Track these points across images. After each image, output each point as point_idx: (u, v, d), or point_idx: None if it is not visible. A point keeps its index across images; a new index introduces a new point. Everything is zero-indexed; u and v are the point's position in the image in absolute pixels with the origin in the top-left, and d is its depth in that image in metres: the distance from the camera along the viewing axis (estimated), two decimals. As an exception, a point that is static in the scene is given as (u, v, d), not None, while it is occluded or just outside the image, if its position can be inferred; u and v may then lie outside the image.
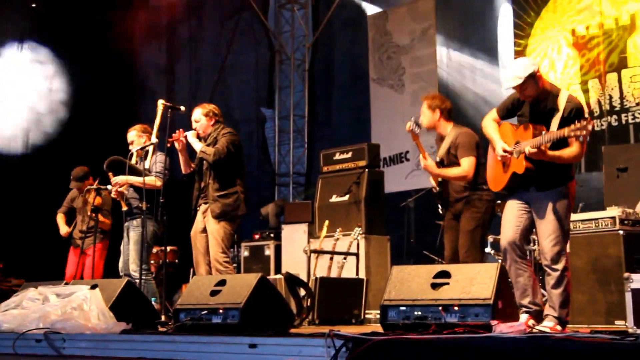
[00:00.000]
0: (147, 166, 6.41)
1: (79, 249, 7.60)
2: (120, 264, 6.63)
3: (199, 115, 6.20)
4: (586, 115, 4.57)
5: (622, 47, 8.50)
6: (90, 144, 10.47)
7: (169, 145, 6.09)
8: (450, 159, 5.58)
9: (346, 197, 8.35)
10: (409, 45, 10.86)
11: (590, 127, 4.24)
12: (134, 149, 6.57)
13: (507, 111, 4.86)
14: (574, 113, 4.52)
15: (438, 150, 5.75)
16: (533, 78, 4.59)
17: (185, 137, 6.06)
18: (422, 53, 10.65)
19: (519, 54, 9.30)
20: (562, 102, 4.57)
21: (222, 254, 5.93)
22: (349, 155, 8.65)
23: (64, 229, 7.85)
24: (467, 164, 5.50)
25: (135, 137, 6.65)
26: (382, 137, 10.49)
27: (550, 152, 4.50)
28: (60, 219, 7.92)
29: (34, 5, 11.02)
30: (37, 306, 5.02)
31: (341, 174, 8.62)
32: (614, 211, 5.88)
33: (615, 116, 8.46)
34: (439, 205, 5.78)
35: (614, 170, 6.37)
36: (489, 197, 5.59)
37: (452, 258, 5.60)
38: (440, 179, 5.68)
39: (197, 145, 6.05)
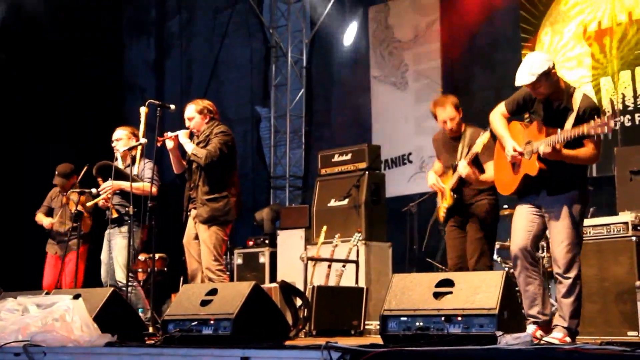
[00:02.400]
0: (135, 172, 6.42)
1: (57, 255, 7.63)
2: (103, 273, 6.63)
3: (193, 112, 6.21)
4: (603, 114, 4.55)
5: (636, 43, 8.51)
6: (76, 144, 10.49)
7: (159, 144, 6.11)
8: (477, 165, 5.51)
9: (345, 201, 8.37)
10: (412, 41, 10.88)
11: (612, 124, 4.21)
12: (119, 150, 6.58)
13: (518, 107, 4.81)
14: (589, 113, 4.50)
15: (445, 152, 5.68)
16: (547, 75, 4.54)
17: (177, 136, 6.08)
18: (427, 49, 10.67)
19: (527, 49, 9.31)
20: (576, 102, 4.55)
21: (215, 262, 5.94)
22: (349, 157, 8.67)
23: (47, 220, 7.82)
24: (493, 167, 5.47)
25: (124, 136, 6.65)
26: (384, 138, 10.51)
27: (566, 151, 4.48)
28: (41, 216, 7.91)
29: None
30: (16, 317, 4.99)
31: (340, 177, 8.65)
32: (626, 216, 5.90)
33: (628, 116, 8.48)
34: (443, 213, 5.73)
35: (627, 173, 6.38)
36: (496, 202, 5.63)
37: (457, 266, 5.61)
38: (457, 186, 5.61)
39: (189, 147, 6.06)
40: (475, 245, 5.53)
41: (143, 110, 6.28)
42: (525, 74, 4.56)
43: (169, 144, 6.11)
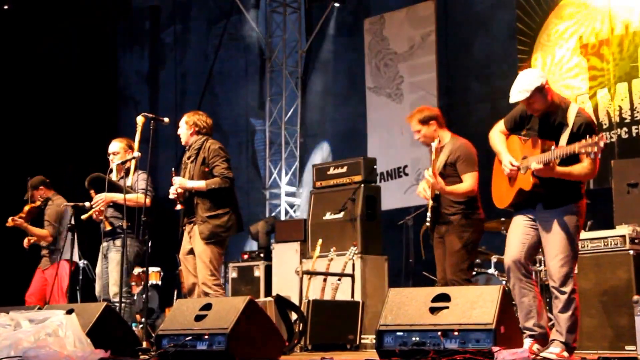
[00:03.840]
0: (129, 183, 6.44)
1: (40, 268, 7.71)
2: (97, 288, 6.62)
3: (182, 122, 6.29)
4: (597, 130, 4.60)
5: (633, 55, 8.57)
6: (68, 156, 10.51)
7: (177, 209, 6.14)
8: (448, 172, 5.63)
9: (341, 215, 8.38)
10: (407, 52, 10.93)
11: (602, 144, 4.25)
12: (114, 162, 6.60)
13: (515, 123, 4.89)
14: (584, 128, 4.55)
15: (433, 161, 5.76)
16: (541, 92, 4.62)
17: (178, 189, 6.09)
18: (422, 61, 10.72)
19: (523, 62, 9.37)
20: (571, 117, 4.60)
21: (212, 277, 5.94)
22: (344, 169, 8.69)
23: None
24: (471, 179, 5.56)
25: (121, 150, 6.66)
26: (379, 150, 10.55)
27: (560, 169, 4.53)
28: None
29: (6, 7, 11.08)
30: (8, 333, 4.98)
31: (335, 190, 8.65)
32: (623, 229, 5.91)
33: (625, 128, 8.52)
34: (428, 222, 5.77)
35: (624, 185, 6.40)
36: (480, 217, 5.66)
37: (445, 279, 5.64)
38: (436, 194, 5.69)
39: (197, 184, 6.04)
40: (450, 259, 5.57)
41: (140, 120, 6.28)
42: (519, 91, 4.64)
43: (179, 205, 6.13)
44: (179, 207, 6.18)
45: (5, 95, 10.81)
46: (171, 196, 6.16)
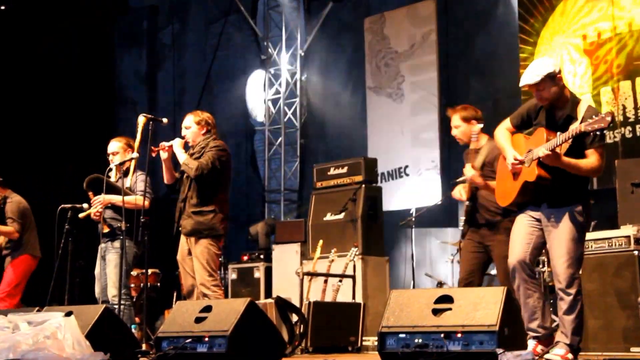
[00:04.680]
0: (127, 184, 6.42)
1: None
2: (97, 290, 6.61)
3: (191, 122, 6.24)
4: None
5: (636, 52, 8.55)
6: (67, 157, 10.49)
7: (153, 154, 6.12)
8: (486, 172, 5.50)
9: (341, 215, 8.38)
10: (408, 52, 10.93)
11: (609, 119, 4.23)
12: (114, 163, 6.58)
13: (522, 120, 4.85)
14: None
15: (470, 161, 5.64)
16: (552, 79, 4.57)
17: (171, 146, 6.10)
18: (423, 60, 10.71)
19: (525, 60, 9.35)
20: (581, 112, 4.56)
21: (210, 278, 5.93)
22: (345, 170, 8.68)
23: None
24: None
25: (120, 149, 6.65)
26: (380, 150, 10.54)
27: (566, 159, 4.49)
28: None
29: (2, 7, 11.07)
30: (6, 335, 4.98)
31: (336, 190, 8.65)
32: (628, 230, 5.91)
33: (629, 127, 8.50)
34: (464, 222, 5.70)
35: (629, 185, 6.39)
36: None
37: (466, 281, 5.57)
38: (472, 194, 5.61)
39: (182, 157, 6.09)
40: (502, 264, 5.39)
41: (141, 120, 6.24)
42: (530, 75, 4.61)
43: (163, 155, 6.13)
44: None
45: (5, 96, 10.79)
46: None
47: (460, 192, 5.70)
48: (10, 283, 7.67)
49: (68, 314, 4.96)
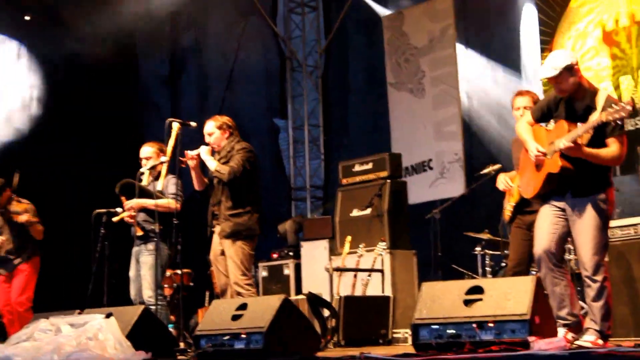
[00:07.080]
0: (159, 188, 6.52)
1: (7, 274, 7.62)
2: (132, 291, 6.70)
3: (212, 128, 6.31)
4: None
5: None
6: (90, 162, 10.59)
7: (183, 165, 6.19)
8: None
9: (368, 211, 8.42)
10: (427, 47, 10.94)
11: (629, 108, 4.25)
12: (145, 167, 6.67)
13: (542, 114, 4.87)
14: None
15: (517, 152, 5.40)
16: (570, 71, 4.60)
17: (198, 155, 6.17)
18: (442, 54, 10.72)
19: (544, 51, 9.34)
20: (600, 102, 4.57)
21: (243, 277, 6.02)
22: (370, 166, 8.73)
23: None
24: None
25: (153, 154, 6.71)
26: (403, 145, 10.54)
27: (587, 149, 4.52)
28: None
29: (28, 18, 11.21)
30: (49, 337, 5.08)
31: (362, 186, 8.70)
32: (653, 216, 5.93)
33: (650, 114, 8.48)
34: (508, 212, 5.55)
35: (652, 172, 6.41)
36: None
37: (514, 270, 5.49)
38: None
39: (212, 164, 6.14)
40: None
41: (175, 126, 6.26)
42: (548, 68, 4.63)
43: (191, 163, 6.20)
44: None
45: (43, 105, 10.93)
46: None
47: (505, 181, 5.56)
48: (30, 288, 7.60)
49: (108, 315, 5.06)
